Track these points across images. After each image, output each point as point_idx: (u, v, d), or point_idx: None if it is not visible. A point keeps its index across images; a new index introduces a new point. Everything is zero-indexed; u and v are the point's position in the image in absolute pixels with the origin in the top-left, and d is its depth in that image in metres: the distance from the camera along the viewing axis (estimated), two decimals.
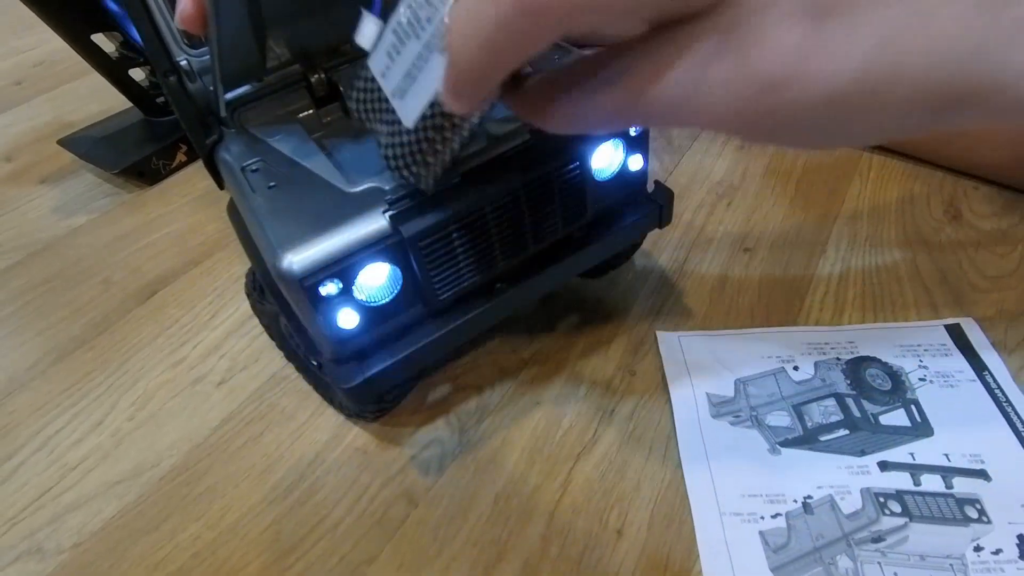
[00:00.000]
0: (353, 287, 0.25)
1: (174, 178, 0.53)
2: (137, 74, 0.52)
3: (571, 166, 0.28)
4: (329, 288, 0.24)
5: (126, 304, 0.42)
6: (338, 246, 0.24)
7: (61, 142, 0.53)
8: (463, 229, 0.26)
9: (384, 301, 0.27)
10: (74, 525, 0.31)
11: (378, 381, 0.27)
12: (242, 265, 0.43)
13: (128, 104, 0.54)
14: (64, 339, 0.40)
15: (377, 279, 0.26)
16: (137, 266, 0.44)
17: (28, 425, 0.35)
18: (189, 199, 0.50)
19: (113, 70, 0.51)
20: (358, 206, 0.25)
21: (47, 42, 0.63)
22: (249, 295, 0.37)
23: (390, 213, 0.25)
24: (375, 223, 0.25)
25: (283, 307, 0.29)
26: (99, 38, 0.49)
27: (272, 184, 0.27)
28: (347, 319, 0.26)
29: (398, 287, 0.27)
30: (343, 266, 0.24)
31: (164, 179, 0.52)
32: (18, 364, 0.39)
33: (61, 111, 0.61)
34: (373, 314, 0.27)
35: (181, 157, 0.53)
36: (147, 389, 0.37)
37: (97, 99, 0.61)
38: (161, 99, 0.54)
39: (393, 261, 0.26)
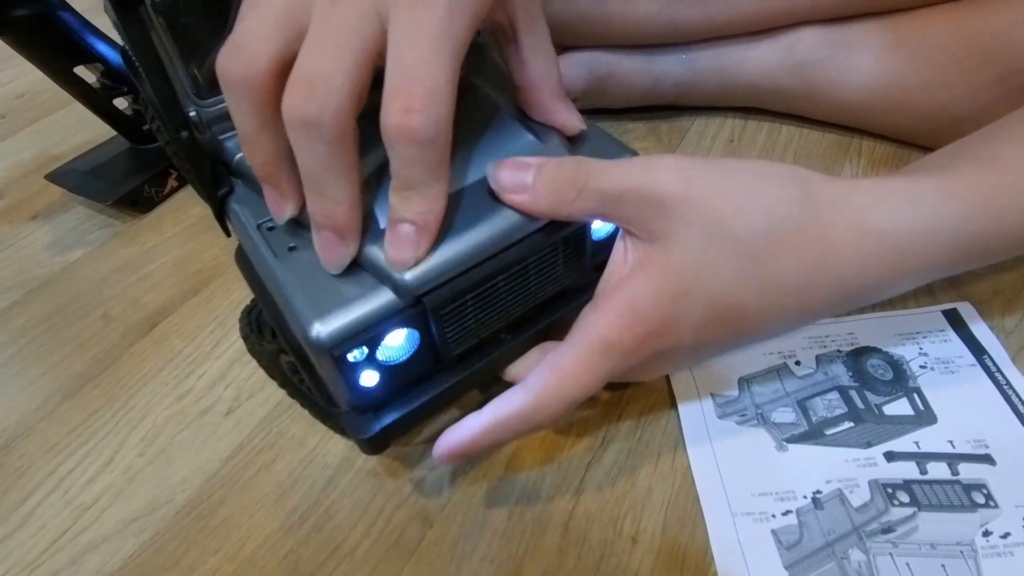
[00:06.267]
0: (377, 351, 0.26)
1: (167, 205, 0.52)
2: (120, 102, 0.52)
3: (574, 233, 0.29)
4: (355, 354, 0.25)
5: (128, 338, 0.42)
6: (365, 314, 0.25)
7: (49, 177, 0.53)
8: (477, 294, 0.27)
9: (401, 359, 0.27)
10: (94, 566, 0.31)
11: (393, 430, 0.28)
12: (241, 292, 0.44)
13: (112, 133, 0.54)
14: (69, 377, 0.40)
15: (397, 341, 0.27)
16: (136, 298, 0.44)
17: (40, 467, 0.36)
18: (184, 226, 0.50)
19: (97, 101, 0.50)
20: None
21: (28, 73, 0.62)
22: (246, 337, 0.37)
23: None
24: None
25: (301, 360, 0.29)
26: (80, 69, 0.49)
27: (292, 246, 0.27)
28: (368, 379, 0.27)
29: (415, 346, 0.27)
30: (370, 335, 0.25)
31: (157, 206, 0.52)
32: (26, 405, 0.39)
33: (47, 143, 0.61)
34: (391, 371, 0.27)
35: (172, 183, 0.53)
36: (155, 423, 0.37)
37: (82, 129, 0.61)
38: (147, 127, 0.53)
39: (414, 326, 0.26)
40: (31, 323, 0.44)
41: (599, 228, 0.31)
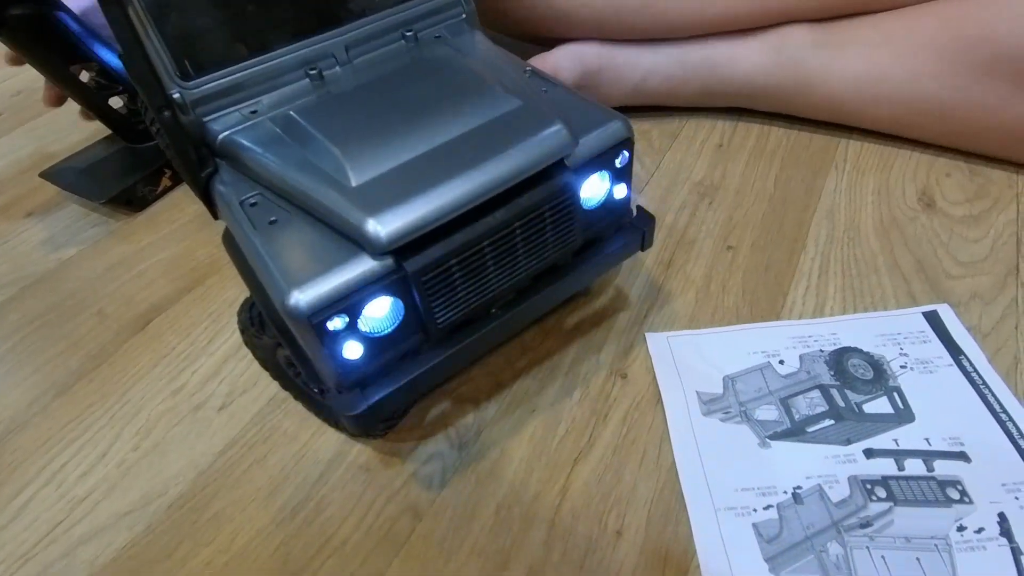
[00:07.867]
0: (358, 320, 0.26)
1: (161, 203, 0.53)
2: (115, 101, 0.52)
3: (562, 198, 0.29)
4: (336, 323, 0.25)
5: (122, 334, 0.42)
6: (344, 282, 0.25)
7: (43, 175, 0.53)
8: (462, 261, 0.27)
9: (386, 331, 0.27)
10: (87, 558, 0.32)
11: (381, 407, 0.28)
12: (236, 289, 0.44)
13: (107, 131, 0.54)
14: (63, 373, 0.40)
15: (380, 311, 0.27)
16: (130, 295, 0.45)
17: (34, 461, 0.36)
18: (178, 224, 0.50)
19: (93, 100, 0.51)
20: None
21: (23, 71, 0.62)
22: (245, 330, 0.38)
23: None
24: (380, 258, 0.25)
25: (285, 337, 0.30)
26: (76, 69, 0.49)
27: (273, 219, 0.27)
28: (352, 351, 0.27)
29: (400, 318, 0.27)
30: (349, 302, 0.25)
31: (151, 205, 0.53)
32: (20, 401, 0.39)
33: (42, 141, 0.61)
34: (376, 344, 0.27)
35: (166, 182, 0.54)
36: (149, 418, 0.37)
37: (77, 128, 0.61)
38: (142, 126, 0.54)
39: (396, 294, 0.26)
40: (25, 320, 0.44)
41: (590, 197, 0.30)
